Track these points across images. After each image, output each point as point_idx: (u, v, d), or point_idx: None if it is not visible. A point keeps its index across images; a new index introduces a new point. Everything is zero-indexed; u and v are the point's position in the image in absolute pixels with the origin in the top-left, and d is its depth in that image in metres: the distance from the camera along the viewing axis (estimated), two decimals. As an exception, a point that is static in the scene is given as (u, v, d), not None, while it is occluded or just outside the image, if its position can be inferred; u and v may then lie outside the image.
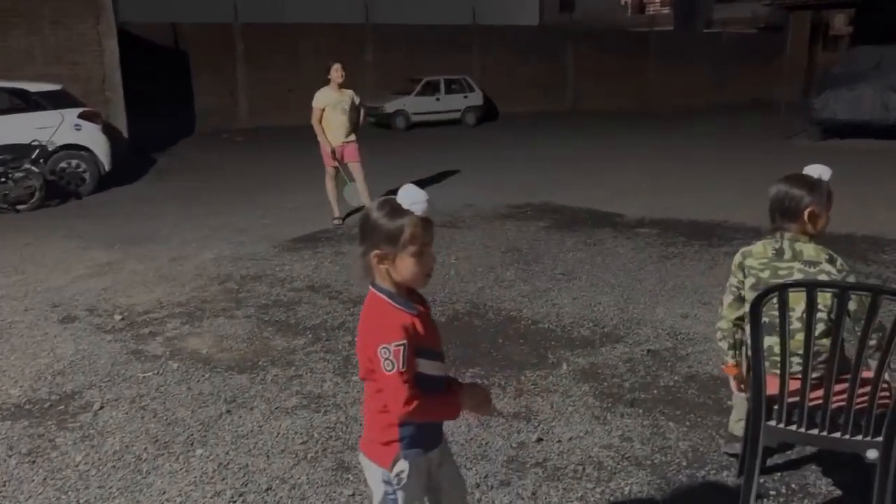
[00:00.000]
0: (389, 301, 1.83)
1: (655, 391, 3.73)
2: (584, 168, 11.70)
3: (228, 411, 3.61)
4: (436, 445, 2.03)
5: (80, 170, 9.81)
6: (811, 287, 2.27)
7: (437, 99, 19.55)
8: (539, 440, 3.25)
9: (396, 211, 1.78)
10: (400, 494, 1.96)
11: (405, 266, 1.80)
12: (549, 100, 23.42)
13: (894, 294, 2.27)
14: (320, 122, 7.71)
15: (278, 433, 3.38)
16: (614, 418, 3.45)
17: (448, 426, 3.32)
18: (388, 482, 1.95)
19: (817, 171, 2.57)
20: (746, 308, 2.47)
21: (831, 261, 2.50)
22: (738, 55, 26.88)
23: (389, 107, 18.65)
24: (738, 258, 2.69)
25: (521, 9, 29.78)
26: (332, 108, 7.67)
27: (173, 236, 7.35)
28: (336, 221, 7.80)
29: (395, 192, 1.82)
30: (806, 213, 2.50)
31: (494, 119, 21.20)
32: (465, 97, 20.07)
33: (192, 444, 3.30)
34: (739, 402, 2.96)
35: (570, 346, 4.34)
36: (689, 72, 25.94)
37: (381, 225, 1.78)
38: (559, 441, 3.24)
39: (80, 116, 9.93)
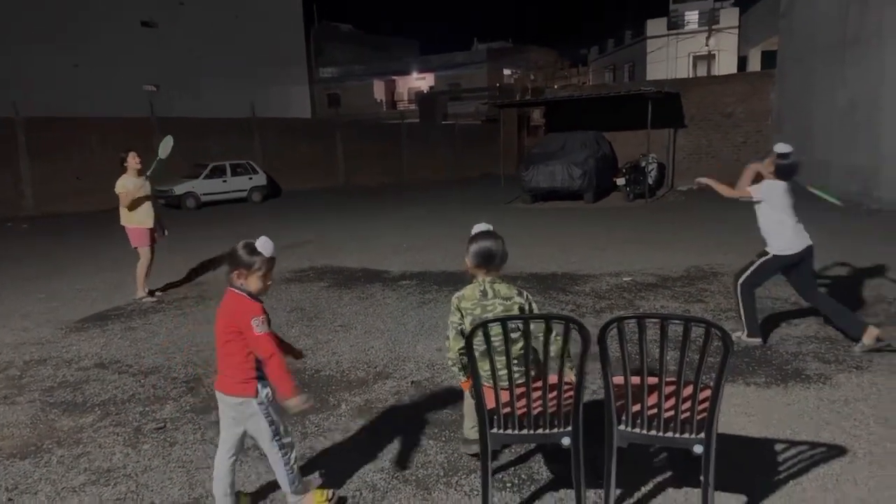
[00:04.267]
0: (249, 297, 2.53)
1: (418, 415, 3.79)
2: (356, 234, 11.77)
3: (10, 500, 3.01)
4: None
5: None
6: (504, 321, 2.45)
7: (224, 181, 18.69)
8: (321, 474, 3.13)
9: (253, 250, 2.52)
10: (272, 407, 2.55)
11: (253, 282, 2.53)
12: (323, 178, 23.48)
13: (562, 319, 2.41)
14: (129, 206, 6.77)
15: (65, 514, 2.89)
16: (387, 444, 3.43)
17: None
18: (262, 403, 2.52)
19: (482, 227, 2.89)
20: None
21: (520, 294, 2.83)
22: (468, 140, 29.28)
23: (179, 189, 17.43)
24: (455, 301, 2.86)
25: (295, 104, 29.88)
26: (137, 193, 6.81)
27: (-55, 329, 6.06)
28: (148, 298, 6.87)
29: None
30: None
31: (278, 196, 20.71)
32: (250, 178, 19.42)
33: (-37, 544, 2.69)
34: (469, 411, 3.12)
35: (348, 388, 4.27)
36: (433, 154, 27.66)
37: (242, 256, 2.52)
38: (339, 472, 3.14)
39: None
